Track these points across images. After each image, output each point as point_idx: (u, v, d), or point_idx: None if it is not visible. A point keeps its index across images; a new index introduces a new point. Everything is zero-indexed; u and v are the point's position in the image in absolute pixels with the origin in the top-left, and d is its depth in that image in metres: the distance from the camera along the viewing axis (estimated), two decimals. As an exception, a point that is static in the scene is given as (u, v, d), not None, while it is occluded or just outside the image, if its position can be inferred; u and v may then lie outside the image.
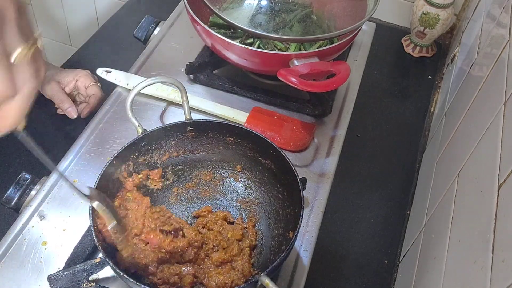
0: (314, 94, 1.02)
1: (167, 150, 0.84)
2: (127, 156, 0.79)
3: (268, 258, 0.76)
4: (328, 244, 0.92)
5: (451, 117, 0.94)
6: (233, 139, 0.84)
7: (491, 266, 0.49)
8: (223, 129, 0.83)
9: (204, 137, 0.84)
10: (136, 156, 0.80)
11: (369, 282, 0.89)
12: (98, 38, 1.29)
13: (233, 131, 0.83)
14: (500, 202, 0.53)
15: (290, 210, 0.78)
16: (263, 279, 0.64)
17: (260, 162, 0.83)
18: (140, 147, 0.81)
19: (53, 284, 0.72)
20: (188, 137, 0.84)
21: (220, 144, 0.85)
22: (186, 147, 0.85)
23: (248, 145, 0.83)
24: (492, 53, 0.78)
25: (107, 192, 0.74)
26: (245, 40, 1.02)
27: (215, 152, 0.86)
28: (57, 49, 1.89)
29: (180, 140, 0.84)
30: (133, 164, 0.80)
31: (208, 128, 0.83)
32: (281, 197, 0.81)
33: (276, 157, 0.79)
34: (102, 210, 0.66)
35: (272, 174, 0.82)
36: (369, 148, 1.09)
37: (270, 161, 0.81)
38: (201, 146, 0.86)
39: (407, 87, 1.26)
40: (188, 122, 0.83)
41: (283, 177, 0.79)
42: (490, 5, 0.96)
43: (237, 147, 0.84)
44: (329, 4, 1.06)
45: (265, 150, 0.80)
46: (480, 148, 0.67)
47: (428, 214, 0.84)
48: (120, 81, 1.03)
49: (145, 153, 0.81)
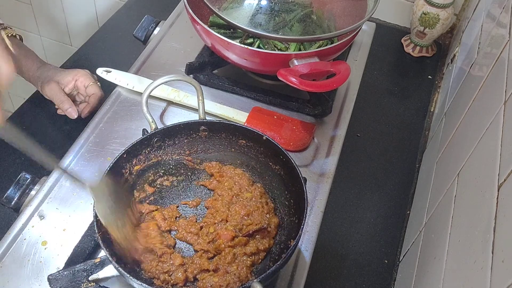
0: (314, 94, 1.02)
1: (180, 148, 0.85)
2: (139, 150, 0.81)
3: (267, 265, 0.76)
4: (328, 244, 0.92)
5: (451, 117, 0.94)
6: (246, 142, 0.84)
7: (491, 266, 0.49)
8: (236, 131, 0.84)
9: (217, 137, 0.85)
10: (148, 151, 0.82)
11: (369, 282, 0.89)
12: (98, 38, 1.29)
13: (245, 134, 0.83)
14: (500, 202, 0.53)
15: (295, 218, 0.78)
16: (255, 285, 0.64)
17: (271, 167, 0.83)
18: (153, 143, 0.82)
19: (53, 284, 0.72)
20: (201, 136, 0.85)
21: (232, 146, 0.86)
22: (198, 146, 0.86)
23: (260, 149, 0.83)
24: (492, 53, 0.78)
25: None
26: (245, 40, 1.02)
27: (227, 153, 0.87)
28: (57, 49, 1.89)
29: (193, 139, 0.85)
30: (145, 162, 0.82)
31: (221, 129, 0.84)
32: (288, 204, 0.81)
33: (285, 163, 0.79)
34: (96, 196, 0.67)
35: (281, 180, 0.82)
36: (369, 148, 1.09)
37: (279, 167, 0.82)
38: (213, 146, 0.86)
39: (407, 87, 1.26)
40: (202, 122, 0.84)
41: (291, 185, 0.79)
42: (490, 5, 0.96)
43: (248, 150, 0.85)
44: (329, 4, 1.06)
45: (276, 155, 0.81)
46: (480, 148, 0.67)
47: (428, 214, 0.84)
48: (120, 81, 1.03)
49: (157, 149, 0.83)
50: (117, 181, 0.76)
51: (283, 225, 0.80)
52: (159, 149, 0.83)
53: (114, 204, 0.71)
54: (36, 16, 1.82)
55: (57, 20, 1.78)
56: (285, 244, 0.77)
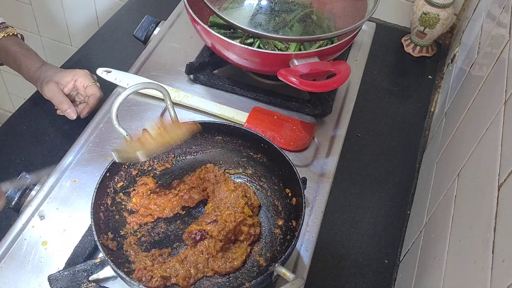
0: (314, 94, 1.02)
1: (157, 157, 0.85)
2: (120, 166, 0.81)
3: (275, 249, 0.77)
4: (328, 244, 0.92)
5: (451, 117, 0.94)
6: (222, 138, 0.84)
7: (491, 266, 0.49)
8: (210, 128, 0.84)
9: (192, 138, 0.84)
10: (127, 165, 0.82)
11: (369, 282, 0.89)
12: (98, 38, 1.29)
13: (220, 129, 0.83)
14: (500, 202, 0.53)
15: (289, 200, 0.79)
16: (279, 269, 0.67)
17: (252, 157, 0.84)
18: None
19: (53, 284, 0.72)
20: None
21: (209, 143, 0.86)
22: (175, 151, 0.87)
23: (238, 142, 0.83)
24: (492, 53, 0.78)
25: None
26: (245, 40, 1.02)
27: (205, 152, 0.87)
28: (57, 49, 1.89)
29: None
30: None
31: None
32: (278, 188, 0.81)
33: (267, 149, 0.79)
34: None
35: (265, 167, 0.83)
36: (369, 148, 1.09)
37: (261, 155, 0.82)
38: (189, 148, 0.87)
39: (407, 87, 1.26)
40: None
41: (277, 169, 0.80)
42: (490, 5, 0.96)
43: (226, 145, 0.85)
44: (329, 4, 1.05)
45: (256, 144, 0.81)
46: (480, 148, 0.67)
47: (428, 214, 0.84)
48: (120, 81, 1.03)
49: (135, 162, 0.84)
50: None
51: (277, 210, 0.81)
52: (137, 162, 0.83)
53: None
54: (36, 16, 1.82)
55: (57, 20, 1.78)
56: (286, 226, 0.78)
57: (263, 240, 0.79)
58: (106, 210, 0.77)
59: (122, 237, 0.77)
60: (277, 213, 0.81)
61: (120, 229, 0.78)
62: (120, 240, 0.77)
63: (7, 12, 1.84)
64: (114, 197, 0.80)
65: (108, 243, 0.74)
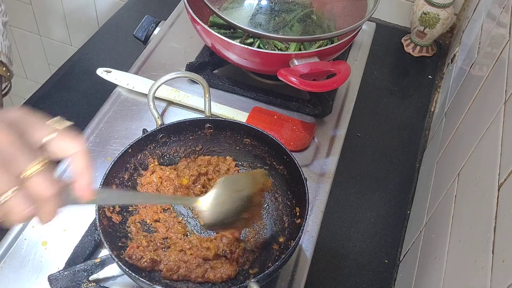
0: (314, 94, 1.02)
1: (184, 145, 0.85)
2: (144, 146, 0.81)
3: (266, 265, 0.76)
4: (328, 244, 0.92)
5: (451, 117, 0.94)
6: (250, 141, 0.84)
7: (492, 266, 0.49)
8: (241, 130, 0.84)
9: (222, 135, 0.85)
10: (153, 147, 0.83)
11: (369, 281, 0.89)
12: (98, 38, 1.29)
13: (250, 133, 0.83)
14: (500, 201, 0.53)
15: (296, 219, 0.78)
16: (252, 285, 0.64)
17: (274, 167, 0.83)
18: (158, 139, 0.83)
19: (53, 284, 0.72)
20: (206, 134, 0.85)
21: (237, 144, 0.86)
22: (203, 144, 0.87)
23: (264, 149, 0.83)
24: (492, 53, 0.78)
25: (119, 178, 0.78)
26: (245, 40, 1.02)
27: (232, 151, 0.87)
28: (57, 49, 1.89)
29: (198, 136, 0.86)
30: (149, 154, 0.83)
31: (227, 126, 0.84)
32: (290, 205, 0.81)
33: (288, 163, 0.79)
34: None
35: (284, 180, 0.82)
36: (369, 148, 1.09)
37: (284, 167, 0.81)
38: (218, 144, 0.87)
39: (407, 87, 1.26)
40: (207, 119, 0.84)
41: (294, 185, 0.79)
42: (490, 5, 0.96)
43: (253, 149, 0.85)
44: (329, 4, 1.06)
45: (280, 155, 0.81)
46: (480, 147, 0.67)
47: (428, 214, 0.84)
48: (120, 81, 1.03)
49: (162, 145, 0.84)
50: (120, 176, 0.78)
51: (283, 226, 0.80)
52: (164, 145, 0.84)
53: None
54: (36, 16, 1.82)
55: (57, 20, 1.78)
56: (285, 245, 0.77)
57: (257, 252, 0.78)
58: (120, 184, 0.78)
59: (129, 213, 0.79)
60: (282, 230, 0.80)
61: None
62: (126, 215, 0.78)
63: (7, 12, 1.84)
64: (132, 173, 0.81)
65: (112, 215, 0.75)
